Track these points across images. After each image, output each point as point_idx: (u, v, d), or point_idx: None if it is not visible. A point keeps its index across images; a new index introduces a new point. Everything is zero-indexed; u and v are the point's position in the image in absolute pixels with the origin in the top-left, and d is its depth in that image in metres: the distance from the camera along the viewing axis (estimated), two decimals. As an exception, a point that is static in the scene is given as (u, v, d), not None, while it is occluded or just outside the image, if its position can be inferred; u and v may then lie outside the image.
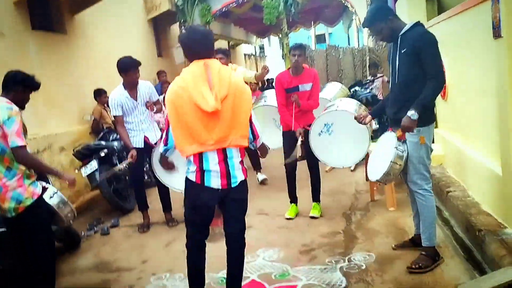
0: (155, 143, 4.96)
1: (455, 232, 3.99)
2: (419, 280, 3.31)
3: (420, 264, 3.40)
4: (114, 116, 5.08)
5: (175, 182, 4.66)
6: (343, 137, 4.80)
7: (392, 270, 3.52)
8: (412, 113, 3.21)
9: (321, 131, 4.81)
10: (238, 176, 2.87)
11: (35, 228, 3.30)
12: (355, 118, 3.97)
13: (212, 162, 2.79)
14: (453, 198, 4.30)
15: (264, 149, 3.28)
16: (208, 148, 2.75)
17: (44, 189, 3.40)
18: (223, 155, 2.80)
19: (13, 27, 5.86)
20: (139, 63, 4.98)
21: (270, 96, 6.05)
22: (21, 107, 3.38)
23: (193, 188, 2.86)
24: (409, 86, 3.34)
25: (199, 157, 2.79)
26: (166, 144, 2.95)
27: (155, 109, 5.17)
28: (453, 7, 4.76)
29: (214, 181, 2.81)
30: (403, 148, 3.40)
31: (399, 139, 3.40)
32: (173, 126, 2.80)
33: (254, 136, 3.05)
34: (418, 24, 3.37)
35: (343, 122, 4.73)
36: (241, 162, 2.92)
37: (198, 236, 3.00)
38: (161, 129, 5.25)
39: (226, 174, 2.82)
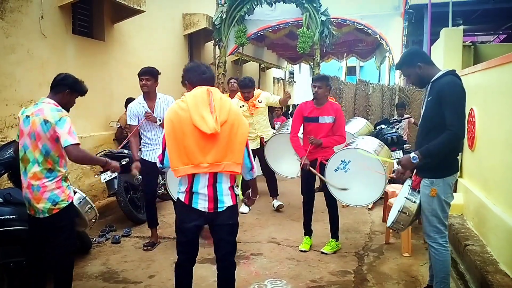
0: None
1: (469, 287, 3.87)
2: (427, 334, 3.22)
3: (430, 318, 3.31)
4: (129, 125, 5.08)
5: None
6: (359, 176, 4.69)
7: (401, 319, 3.44)
8: (413, 155, 3.19)
9: (337, 168, 4.75)
10: (225, 201, 2.93)
11: (63, 230, 3.36)
12: (392, 177, 3.94)
13: (201, 185, 2.88)
14: (470, 252, 4.19)
15: (255, 185, 3.30)
16: (201, 171, 2.83)
17: (74, 193, 3.48)
18: (213, 179, 2.89)
19: (55, 30, 6.04)
20: (151, 72, 4.90)
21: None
22: (67, 110, 3.46)
23: (182, 208, 2.97)
24: (429, 134, 3.27)
25: (191, 179, 2.87)
26: (161, 163, 2.99)
27: (157, 122, 4.89)
28: (490, 59, 4.71)
29: (202, 204, 2.90)
30: (415, 198, 3.35)
31: (413, 188, 3.36)
32: (169, 145, 2.86)
33: (251, 165, 3.09)
34: (449, 73, 3.28)
35: (360, 161, 4.68)
36: (231, 188, 2.97)
37: (184, 255, 3.06)
38: None
39: (214, 198, 2.89)
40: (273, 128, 7.58)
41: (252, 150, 6.21)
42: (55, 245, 3.35)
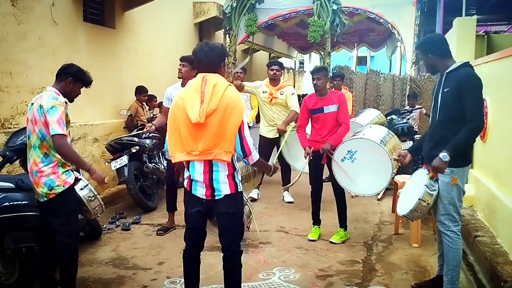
0: None
1: (478, 278, 3.86)
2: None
3: (438, 308, 3.31)
4: (162, 106, 5.22)
5: None
6: (366, 166, 4.70)
7: (409, 309, 3.44)
8: (444, 155, 3.18)
9: (344, 158, 4.74)
10: (222, 189, 2.92)
11: (59, 215, 3.38)
12: (396, 159, 3.95)
13: (197, 172, 2.92)
14: (480, 243, 4.17)
15: (264, 166, 3.28)
16: (193, 158, 2.87)
17: (77, 180, 3.49)
18: (208, 166, 2.90)
19: (66, 17, 6.05)
20: (190, 59, 4.78)
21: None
22: (70, 99, 3.49)
23: (186, 195, 3.05)
24: (448, 125, 3.32)
25: (188, 166, 2.95)
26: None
27: None
28: (503, 49, 4.65)
29: (200, 191, 2.95)
30: (434, 186, 3.34)
31: (431, 177, 3.34)
32: (168, 132, 2.97)
33: (245, 152, 2.97)
34: (465, 65, 3.32)
35: (366, 151, 4.67)
36: (229, 176, 2.93)
37: (190, 242, 3.12)
38: None
39: (210, 185, 2.91)
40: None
41: (271, 139, 6.15)
42: (56, 230, 3.39)
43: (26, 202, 3.68)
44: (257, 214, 5.77)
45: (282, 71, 6.20)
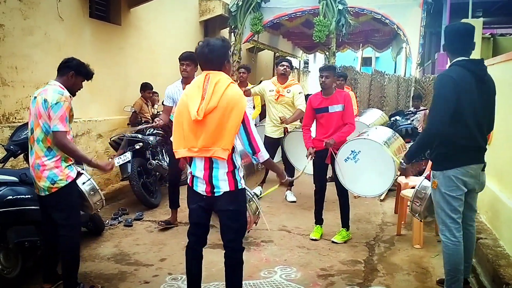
0: None
1: (480, 281, 3.85)
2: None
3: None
4: (163, 105, 5.19)
5: None
6: (369, 167, 4.68)
7: (410, 310, 3.44)
8: (400, 161, 3.37)
9: (347, 158, 4.73)
10: (221, 186, 2.93)
11: (62, 209, 3.40)
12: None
13: (198, 169, 2.94)
14: (483, 245, 4.15)
15: (273, 167, 3.29)
16: (193, 154, 2.90)
17: (79, 174, 3.50)
18: (209, 163, 2.91)
19: (72, 13, 6.06)
20: (192, 57, 4.81)
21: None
22: (72, 93, 3.50)
23: (188, 190, 3.08)
24: None
25: (190, 162, 2.99)
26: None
27: None
28: (509, 52, 4.63)
29: (200, 187, 2.97)
30: (426, 189, 3.40)
31: (426, 178, 3.40)
32: (174, 127, 3.00)
33: (254, 149, 2.96)
34: (452, 64, 3.28)
35: (369, 151, 4.65)
36: (229, 173, 2.93)
37: (192, 237, 3.14)
38: None
39: (209, 182, 2.93)
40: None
41: (275, 138, 6.14)
42: (58, 224, 3.41)
43: (29, 196, 3.69)
44: (259, 213, 5.77)
45: (291, 70, 6.22)
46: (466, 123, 3.18)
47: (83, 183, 3.54)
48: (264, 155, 3.00)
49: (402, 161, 3.36)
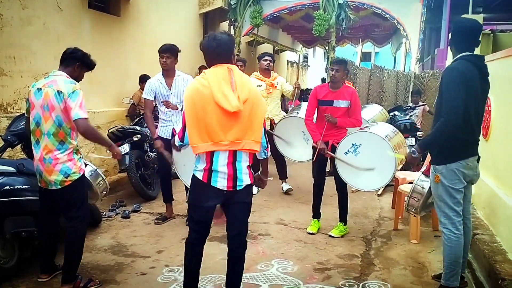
0: None
1: (476, 276, 3.86)
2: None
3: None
4: (144, 98, 5.08)
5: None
6: (369, 161, 4.64)
7: (406, 304, 3.45)
8: (413, 149, 3.31)
9: (348, 151, 4.69)
10: (244, 179, 2.92)
11: (75, 202, 3.42)
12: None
13: (221, 163, 2.85)
14: (479, 241, 4.17)
15: (266, 168, 3.29)
16: (221, 148, 2.81)
17: (85, 166, 3.52)
18: (233, 157, 2.86)
19: (71, 3, 6.03)
20: (172, 50, 4.88)
21: (304, 108, 6.01)
22: None
23: (199, 186, 2.93)
24: (435, 121, 3.36)
25: (211, 156, 2.84)
26: (182, 141, 2.98)
27: (178, 108, 4.91)
28: (509, 48, 4.62)
29: (221, 182, 2.87)
30: (424, 184, 3.39)
31: (424, 174, 3.40)
32: (189, 122, 2.83)
33: (266, 143, 3.08)
34: (459, 58, 3.27)
35: (370, 145, 4.63)
36: (249, 167, 2.96)
37: (196, 234, 3.07)
38: None
39: (233, 176, 2.88)
40: (286, 111, 7.54)
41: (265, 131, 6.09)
42: (68, 217, 3.41)
43: (26, 186, 3.69)
44: (257, 207, 5.77)
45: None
46: (469, 117, 3.21)
47: (91, 174, 3.56)
48: (269, 150, 3.09)
49: (415, 150, 3.34)
